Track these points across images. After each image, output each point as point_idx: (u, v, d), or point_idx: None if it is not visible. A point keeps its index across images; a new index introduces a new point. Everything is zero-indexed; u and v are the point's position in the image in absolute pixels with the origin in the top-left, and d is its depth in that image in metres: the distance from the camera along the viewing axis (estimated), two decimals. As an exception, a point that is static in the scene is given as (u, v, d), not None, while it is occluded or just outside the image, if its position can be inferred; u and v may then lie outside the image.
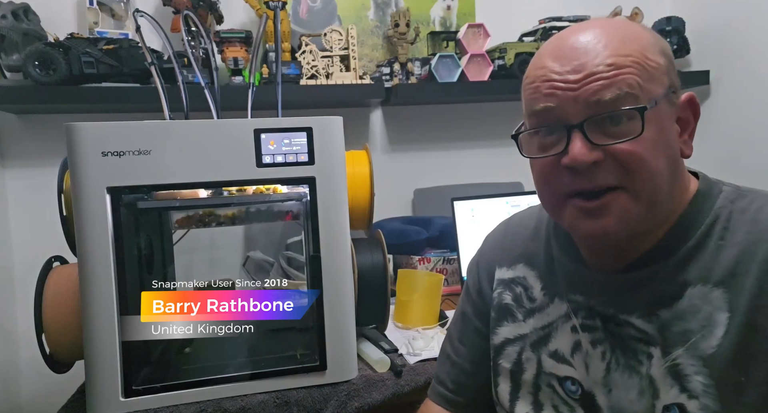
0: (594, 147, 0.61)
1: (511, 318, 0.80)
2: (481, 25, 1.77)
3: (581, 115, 0.61)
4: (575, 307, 0.72)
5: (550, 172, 0.65)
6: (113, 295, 0.96)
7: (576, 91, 0.61)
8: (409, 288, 1.37)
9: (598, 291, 0.70)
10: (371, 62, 1.88)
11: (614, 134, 0.61)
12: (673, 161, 0.64)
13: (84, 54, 1.46)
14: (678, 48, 1.91)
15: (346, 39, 1.69)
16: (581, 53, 0.62)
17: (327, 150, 1.05)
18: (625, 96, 0.60)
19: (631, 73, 0.61)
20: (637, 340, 0.65)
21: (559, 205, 0.66)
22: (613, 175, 0.62)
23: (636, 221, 0.63)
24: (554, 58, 0.64)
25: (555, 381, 0.73)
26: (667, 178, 0.63)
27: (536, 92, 0.65)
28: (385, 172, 1.81)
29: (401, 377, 1.10)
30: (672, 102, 0.64)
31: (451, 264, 1.65)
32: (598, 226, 0.63)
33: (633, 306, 0.66)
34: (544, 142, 0.66)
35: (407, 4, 1.89)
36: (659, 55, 0.63)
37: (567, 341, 0.72)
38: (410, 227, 1.69)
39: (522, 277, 0.80)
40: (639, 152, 0.60)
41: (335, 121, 1.06)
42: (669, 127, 0.64)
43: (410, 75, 1.79)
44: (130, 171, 0.96)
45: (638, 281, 0.67)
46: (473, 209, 1.64)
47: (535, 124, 0.66)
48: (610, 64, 0.61)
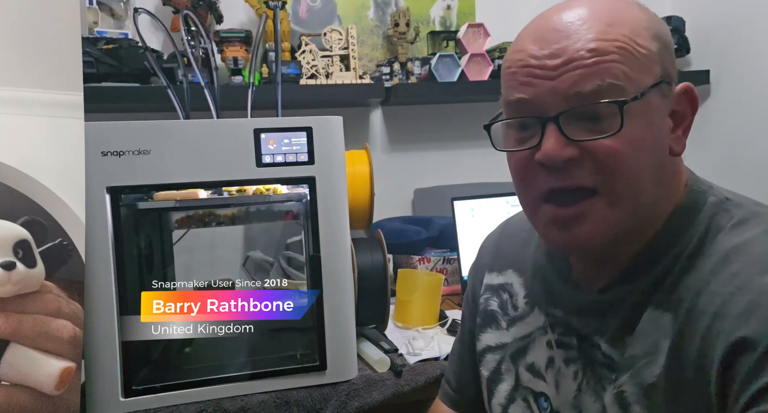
0: (569, 142, 0.55)
1: (495, 326, 0.76)
2: (481, 25, 1.77)
3: (558, 107, 0.55)
4: (552, 322, 0.68)
5: (525, 168, 0.60)
6: (113, 295, 0.96)
7: (554, 80, 0.55)
8: (409, 288, 1.37)
9: (577, 309, 0.65)
10: (371, 62, 1.88)
11: (594, 130, 0.55)
12: (661, 161, 0.58)
13: (83, 54, 1.45)
14: (678, 48, 1.91)
15: (345, 38, 1.69)
16: (562, 36, 0.55)
17: (327, 150, 1.05)
18: (607, 87, 0.54)
19: (616, 61, 0.54)
20: (602, 365, 0.61)
21: (534, 207, 0.61)
22: (590, 175, 0.56)
23: (613, 231, 0.57)
24: (534, 39, 0.58)
25: (531, 396, 0.69)
26: (651, 180, 0.57)
27: (512, 80, 0.59)
28: (385, 172, 1.81)
29: (401, 377, 1.10)
30: (665, 94, 0.57)
31: (451, 264, 1.65)
32: (570, 238, 0.58)
33: (604, 330, 0.61)
34: (520, 135, 0.60)
35: (407, 4, 1.89)
36: (652, 41, 0.56)
37: (542, 355, 0.68)
38: (410, 227, 1.69)
39: (510, 284, 0.76)
40: (618, 150, 0.54)
41: (335, 121, 1.06)
42: (659, 122, 0.57)
43: (410, 75, 1.79)
44: (129, 171, 0.96)
45: (611, 303, 0.61)
46: (473, 209, 1.63)
47: (510, 115, 0.61)
48: (592, 49, 0.54)
